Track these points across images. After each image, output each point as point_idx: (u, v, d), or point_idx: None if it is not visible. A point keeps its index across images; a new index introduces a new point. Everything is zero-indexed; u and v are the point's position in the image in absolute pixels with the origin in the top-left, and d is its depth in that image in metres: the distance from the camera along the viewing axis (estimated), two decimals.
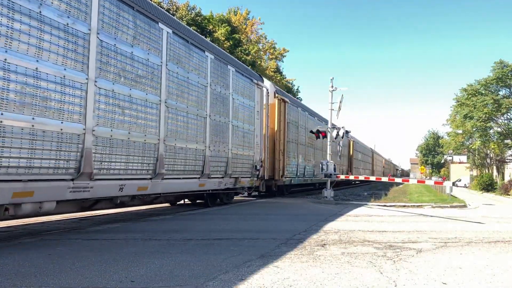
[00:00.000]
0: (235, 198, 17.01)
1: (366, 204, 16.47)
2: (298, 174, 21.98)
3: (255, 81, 15.80)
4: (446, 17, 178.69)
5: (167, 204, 14.27)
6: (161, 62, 9.86)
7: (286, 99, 20.32)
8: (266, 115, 17.26)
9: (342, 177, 21.84)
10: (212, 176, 12.39)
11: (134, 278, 4.69)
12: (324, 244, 7.12)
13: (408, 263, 5.81)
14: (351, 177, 25.23)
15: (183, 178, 10.95)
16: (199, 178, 11.68)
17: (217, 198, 14.08)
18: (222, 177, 13.09)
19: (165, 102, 9.95)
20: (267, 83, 18.25)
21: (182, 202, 14.60)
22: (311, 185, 27.88)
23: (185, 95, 10.88)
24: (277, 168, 19.13)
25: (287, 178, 20.03)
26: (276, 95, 19.32)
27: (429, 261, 6.04)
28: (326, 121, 27.90)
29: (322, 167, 18.81)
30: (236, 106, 14.03)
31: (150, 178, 9.46)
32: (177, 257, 5.77)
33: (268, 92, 17.46)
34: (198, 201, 14.36)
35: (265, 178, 17.04)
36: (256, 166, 15.49)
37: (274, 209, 13.73)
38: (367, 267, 5.52)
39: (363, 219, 11.28)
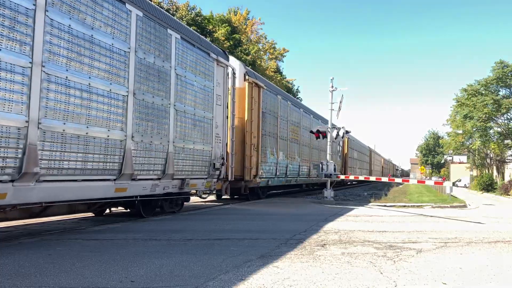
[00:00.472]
0: (192, 203, 14.48)
1: (366, 204, 16.46)
2: (277, 173, 18.78)
3: (214, 56, 12.31)
4: (447, 16, 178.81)
5: (88, 214, 10.77)
6: (34, 5, 6.69)
7: (261, 84, 17.06)
8: (232, 101, 13.81)
9: (342, 177, 21.86)
10: (140, 177, 9.15)
11: (134, 278, 4.69)
12: (324, 244, 7.13)
13: (408, 263, 5.81)
14: (351, 177, 25.21)
15: (83, 180, 7.68)
16: (114, 180, 8.41)
17: (156, 206, 10.85)
18: (159, 179, 9.81)
19: (42, 66, 6.81)
20: (234, 62, 15.37)
21: (112, 210, 11.41)
22: (297, 187, 24.71)
23: (86, 61, 7.66)
24: (247, 166, 15.80)
25: (262, 179, 16.97)
26: (247, 77, 16.00)
27: (429, 261, 6.04)
28: (314, 114, 26.32)
29: (322, 167, 18.83)
30: (183, 85, 10.66)
31: (11, 181, 6.37)
32: (177, 257, 5.77)
33: (234, 73, 14.11)
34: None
35: (230, 178, 13.62)
36: (214, 164, 12.05)
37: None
38: (367, 267, 5.53)
39: (363, 219, 11.29)
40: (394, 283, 4.80)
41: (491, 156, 47.94)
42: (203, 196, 12.90)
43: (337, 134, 19.64)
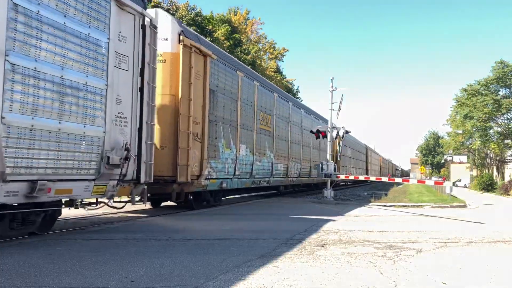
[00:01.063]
0: (92, 215, 10.53)
1: (366, 204, 16.47)
2: (237, 173, 14.38)
3: None
4: (448, 15, 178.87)
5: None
6: None
7: (207, 51, 12.31)
8: (150, 66, 9.02)
9: (342, 177, 21.84)
10: None
11: (134, 278, 4.69)
12: (324, 244, 7.13)
13: (408, 263, 5.82)
14: (351, 177, 25.17)
15: None
16: None
17: None
18: None
19: None
20: (164, 18, 11.17)
21: None
22: (273, 189, 20.50)
23: None
24: (182, 163, 11.04)
25: (211, 180, 12.66)
26: (181, 38, 11.17)
27: (429, 261, 6.04)
28: (295, 102, 23.05)
29: (322, 167, 18.81)
30: (30, 24, 6.55)
31: None
32: (177, 257, 5.77)
33: (155, 27, 9.33)
34: None
35: (145, 180, 8.87)
36: (109, 157, 7.82)
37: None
38: (367, 267, 5.53)
39: (363, 219, 11.29)
40: (394, 283, 4.80)
41: (491, 156, 47.97)
42: (115, 204, 8.89)
43: (337, 134, 19.65)
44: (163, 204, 13.51)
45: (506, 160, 42.80)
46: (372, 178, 20.12)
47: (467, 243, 7.73)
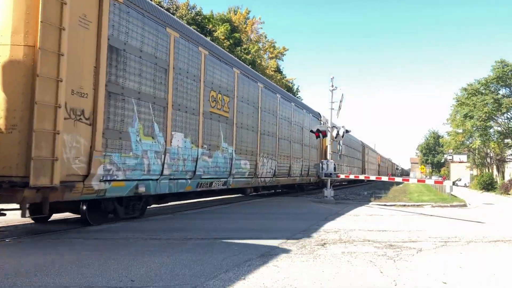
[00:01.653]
0: None
1: (366, 204, 16.47)
2: (168, 172, 10.16)
3: None
4: (449, 14, 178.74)
5: None
6: None
7: None
8: None
9: (342, 176, 21.82)
10: None
11: (134, 277, 4.69)
12: (324, 244, 7.13)
13: (408, 263, 5.82)
14: (351, 176, 25.15)
15: None
16: None
17: None
18: None
19: None
20: None
21: None
22: (238, 191, 16.36)
23: None
24: (43, 155, 6.59)
25: (116, 183, 8.49)
26: None
27: (429, 260, 6.04)
28: (267, 84, 18.01)
29: (322, 167, 18.80)
30: None
31: None
32: (177, 256, 5.77)
33: None
34: None
35: None
36: None
37: None
38: (367, 266, 5.53)
39: (363, 219, 11.28)
40: (394, 282, 4.80)
41: (491, 155, 47.96)
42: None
43: (337, 134, 19.65)
44: (56, 216, 9.56)
45: (506, 160, 42.79)
46: (372, 177, 20.12)
47: (467, 242, 7.73)
